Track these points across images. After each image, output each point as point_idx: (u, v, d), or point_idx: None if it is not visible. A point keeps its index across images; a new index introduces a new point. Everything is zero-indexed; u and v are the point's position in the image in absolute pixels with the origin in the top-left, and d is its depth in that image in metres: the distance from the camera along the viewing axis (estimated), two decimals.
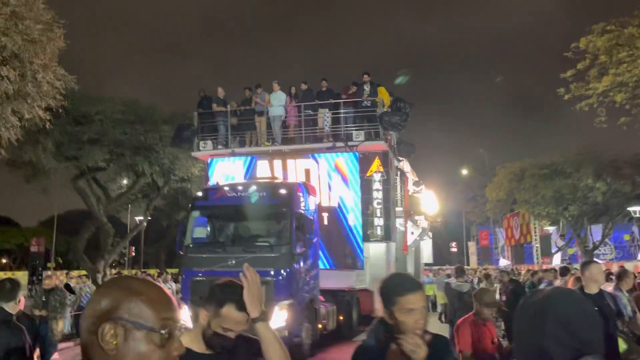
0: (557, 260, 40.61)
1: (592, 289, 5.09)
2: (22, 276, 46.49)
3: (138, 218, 29.05)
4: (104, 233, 22.39)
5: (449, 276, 15.21)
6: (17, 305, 3.85)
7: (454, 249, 59.70)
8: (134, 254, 48.25)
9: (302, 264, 11.43)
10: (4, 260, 56.04)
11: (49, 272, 12.88)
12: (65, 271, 24.18)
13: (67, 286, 15.96)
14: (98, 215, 22.26)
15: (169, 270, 27.61)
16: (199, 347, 2.29)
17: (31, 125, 14.45)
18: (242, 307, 2.20)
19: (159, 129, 20.08)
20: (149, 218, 27.16)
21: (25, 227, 59.61)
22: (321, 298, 13.01)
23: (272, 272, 10.40)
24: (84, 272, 20.65)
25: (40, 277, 36.58)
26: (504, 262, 46.63)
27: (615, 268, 13.82)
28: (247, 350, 2.35)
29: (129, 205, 29.84)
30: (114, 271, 23.70)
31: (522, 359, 1.61)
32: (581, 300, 1.65)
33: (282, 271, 10.52)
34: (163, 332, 1.27)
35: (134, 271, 29.55)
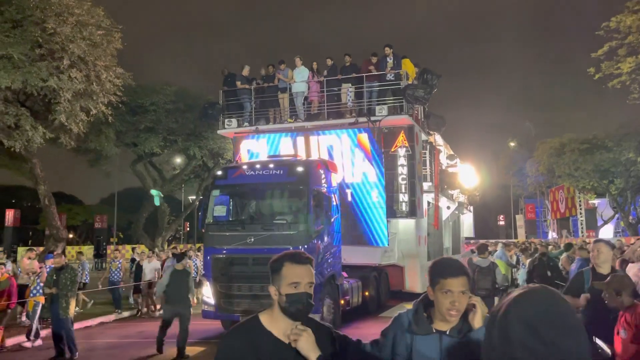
0: (605, 233, 40.37)
1: (603, 269, 4.88)
2: (87, 250, 50.10)
3: (191, 197, 31.11)
4: (161, 212, 24.54)
5: (472, 252, 15.51)
6: None
7: (502, 222, 59.73)
8: (188, 229, 51.00)
9: (320, 240, 11.29)
10: (70, 236, 59.78)
11: (59, 251, 12.90)
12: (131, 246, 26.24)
13: (133, 260, 17.62)
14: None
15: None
16: (277, 330, 2.24)
17: (96, 119, 16.29)
18: (297, 260, 2.26)
19: None
20: (201, 197, 28.95)
21: (88, 205, 63.64)
22: (344, 274, 12.86)
23: (289, 250, 10.78)
24: (143, 247, 22.72)
25: (104, 251, 39.47)
26: (552, 235, 46.62)
27: None
28: (323, 336, 2.28)
29: (183, 186, 31.87)
30: (171, 246, 25.76)
31: None
32: (550, 297, 1.36)
33: (300, 248, 10.08)
34: None
35: (189, 245, 31.61)
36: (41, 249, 18.51)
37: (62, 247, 17.78)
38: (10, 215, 35.89)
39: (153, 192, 23.14)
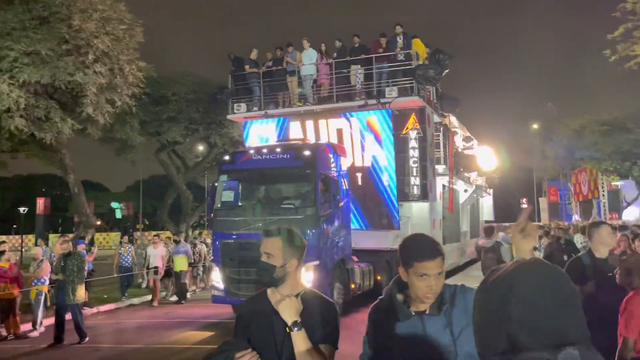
0: (630, 215, 39.96)
1: (601, 252, 4.67)
2: (115, 237, 51.20)
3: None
4: (185, 199, 25.39)
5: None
6: None
7: (525, 205, 59.39)
8: (211, 215, 51.93)
9: (329, 225, 11.27)
10: (98, 223, 61.25)
11: (66, 237, 12.97)
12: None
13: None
14: (178, 183, 25.24)
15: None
16: (275, 299, 2.40)
17: (120, 110, 17.00)
18: (265, 233, 2.48)
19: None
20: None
21: (114, 192, 65.28)
22: (355, 258, 12.82)
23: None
24: (168, 233, 23.53)
25: (131, 238, 40.75)
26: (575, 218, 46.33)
27: None
28: (318, 308, 2.38)
29: (205, 173, 32.58)
30: (196, 232, 26.53)
31: (489, 353, 1.30)
32: (546, 270, 1.32)
33: (308, 232, 10.39)
34: None
35: (201, 232, 32.38)
36: (70, 235, 19.42)
37: (92, 233, 18.69)
38: (41, 203, 37.06)
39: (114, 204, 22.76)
